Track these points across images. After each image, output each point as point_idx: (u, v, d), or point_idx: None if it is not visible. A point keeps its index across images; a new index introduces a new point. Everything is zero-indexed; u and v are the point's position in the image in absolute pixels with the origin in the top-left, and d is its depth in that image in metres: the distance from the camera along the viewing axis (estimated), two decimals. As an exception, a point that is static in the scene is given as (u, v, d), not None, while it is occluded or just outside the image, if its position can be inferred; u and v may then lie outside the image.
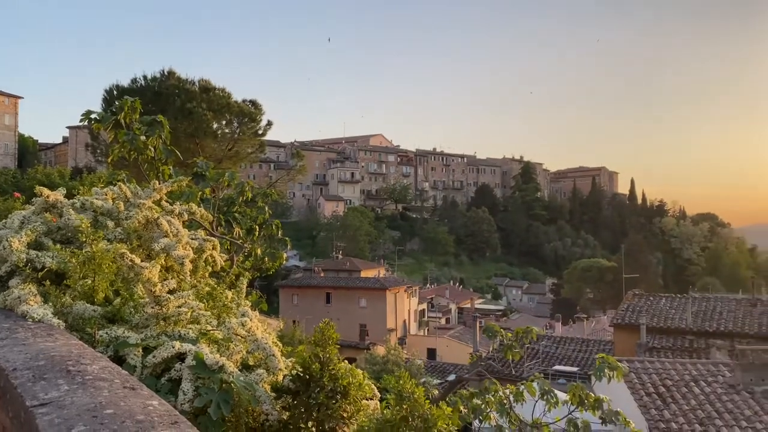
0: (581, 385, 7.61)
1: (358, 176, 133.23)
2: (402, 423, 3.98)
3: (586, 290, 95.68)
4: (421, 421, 4.06)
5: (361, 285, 52.71)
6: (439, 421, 4.20)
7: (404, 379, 4.19)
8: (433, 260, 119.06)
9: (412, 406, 4.07)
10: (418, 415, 4.08)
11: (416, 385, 4.23)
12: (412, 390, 4.13)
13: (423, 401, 4.18)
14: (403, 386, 4.12)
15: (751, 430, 13.78)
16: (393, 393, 4.20)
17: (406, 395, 4.09)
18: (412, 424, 4.02)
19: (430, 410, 4.17)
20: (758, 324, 22.61)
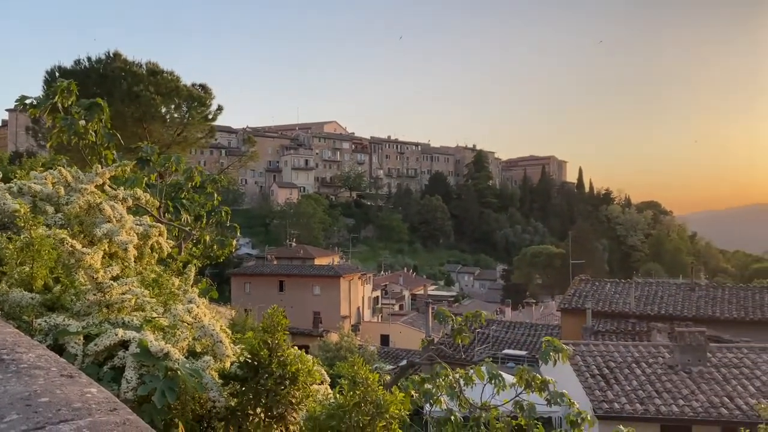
0: (528, 368, 7.82)
1: (312, 163, 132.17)
2: (355, 408, 4.01)
3: (536, 276, 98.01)
4: (373, 407, 4.10)
5: (315, 273, 52.51)
6: (391, 407, 4.25)
7: (358, 365, 4.22)
8: (387, 247, 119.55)
9: (365, 391, 4.11)
10: (370, 400, 4.12)
11: (369, 371, 4.26)
12: (366, 376, 4.16)
13: (376, 387, 4.22)
14: (356, 372, 4.15)
15: (688, 408, 14.47)
16: (346, 379, 4.22)
17: (359, 381, 4.12)
18: (365, 409, 4.06)
19: (382, 396, 4.21)
20: (696, 307, 23.66)
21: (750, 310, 23.03)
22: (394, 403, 4.20)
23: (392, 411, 4.14)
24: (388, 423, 4.09)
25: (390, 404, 4.18)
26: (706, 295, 24.70)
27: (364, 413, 4.01)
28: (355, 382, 4.08)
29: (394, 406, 4.18)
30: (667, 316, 22.75)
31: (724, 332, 20.41)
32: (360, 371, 4.05)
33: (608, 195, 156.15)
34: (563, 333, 24.60)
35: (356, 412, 3.99)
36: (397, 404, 4.25)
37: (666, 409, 14.35)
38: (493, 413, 7.86)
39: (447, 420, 7.81)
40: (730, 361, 16.18)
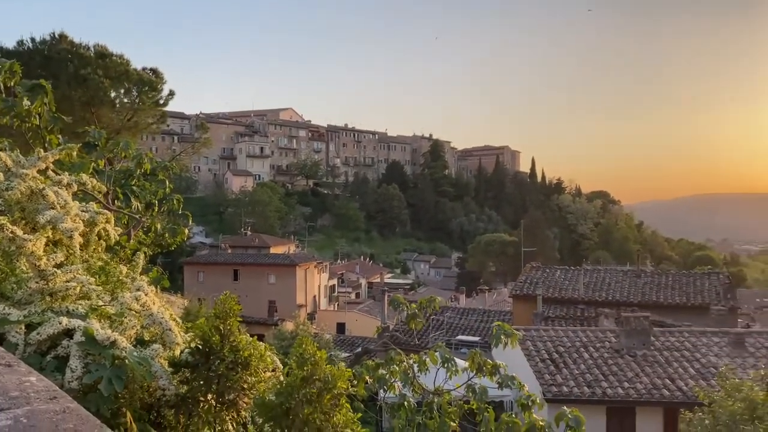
0: (480, 352, 8.00)
1: (268, 151, 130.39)
2: (302, 384, 4.03)
3: (489, 264, 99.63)
4: (321, 382, 4.13)
5: (270, 261, 52.07)
6: (339, 382, 4.28)
7: (306, 343, 4.23)
8: (344, 236, 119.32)
9: (313, 368, 4.13)
10: (318, 376, 4.14)
11: (317, 348, 4.28)
12: (313, 352, 4.18)
13: (324, 363, 4.24)
14: (304, 350, 4.17)
15: (633, 390, 15.05)
16: (294, 356, 4.23)
17: (307, 357, 4.14)
18: (312, 385, 4.08)
19: (330, 371, 4.23)
20: (641, 293, 24.53)
21: (691, 296, 24.02)
22: (342, 378, 4.23)
23: (339, 386, 4.18)
24: (336, 397, 4.13)
25: (337, 379, 4.21)
26: (651, 281, 25.63)
27: (311, 388, 4.04)
28: (303, 359, 4.10)
29: (342, 381, 4.22)
30: (614, 302, 23.52)
31: (668, 317, 21.25)
32: (308, 348, 4.07)
33: (560, 184, 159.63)
34: (515, 319, 25.15)
35: (304, 388, 4.02)
36: (344, 380, 4.29)
37: (612, 391, 14.89)
38: (445, 397, 8.03)
39: (400, 405, 7.93)
40: (672, 345, 16.87)
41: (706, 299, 23.26)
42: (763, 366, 13.19)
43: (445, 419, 7.98)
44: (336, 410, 4.16)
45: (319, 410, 4.02)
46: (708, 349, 16.62)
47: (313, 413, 3.97)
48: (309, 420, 3.94)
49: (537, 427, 8.04)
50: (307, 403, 3.99)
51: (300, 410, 3.92)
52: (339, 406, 4.25)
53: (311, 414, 3.96)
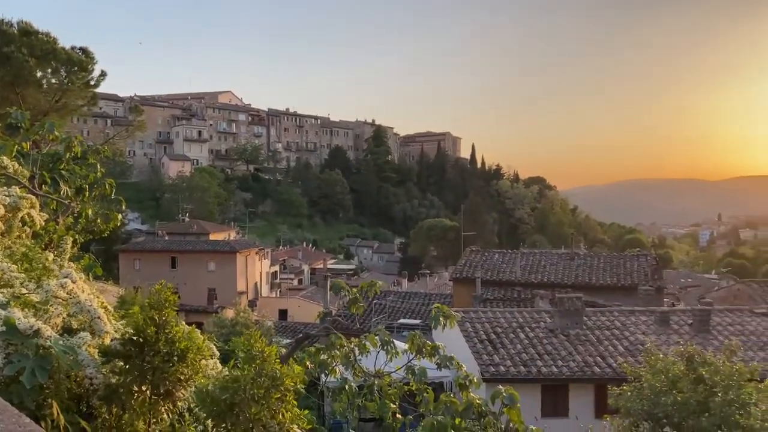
0: (419, 334, 8.13)
1: (206, 135, 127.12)
2: (249, 382, 3.99)
3: (431, 248, 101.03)
4: (269, 379, 4.10)
5: (210, 248, 51.09)
6: (287, 379, 4.26)
7: (254, 339, 4.19)
8: (286, 222, 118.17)
9: (261, 365, 4.09)
10: (266, 373, 4.11)
11: (266, 344, 4.25)
12: (262, 349, 4.14)
13: (273, 360, 4.21)
14: (252, 345, 4.12)
15: (566, 368, 15.67)
16: (242, 352, 4.18)
17: (255, 354, 4.10)
18: (260, 382, 4.05)
19: (279, 369, 4.21)
20: (575, 275, 25.47)
21: (621, 277, 25.13)
22: (290, 376, 4.23)
23: (287, 383, 4.18)
24: (283, 395, 4.12)
25: (286, 377, 4.20)
26: (584, 263, 26.64)
27: (259, 386, 4.01)
28: (251, 355, 4.06)
29: (290, 378, 4.22)
30: (549, 284, 24.33)
31: (599, 297, 22.17)
32: (256, 344, 4.03)
33: (498, 170, 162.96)
34: (455, 301, 25.65)
35: (251, 385, 3.98)
36: (292, 376, 4.29)
37: (546, 370, 15.45)
38: (386, 380, 8.14)
39: (342, 389, 7.99)
40: (603, 324, 17.62)
41: (635, 280, 24.37)
42: (685, 342, 13.97)
43: (385, 401, 8.11)
44: (283, 407, 4.15)
45: (266, 408, 3.99)
46: (636, 328, 17.46)
47: (260, 412, 3.94)
48: (255, 418, 3.92)
49: (474, 406, 8.27)
50: (253, 402, 3.95)
51: (246, 408, 3.88)
52: (286, 402, 4.24)
53: (258, 413, 3.93)
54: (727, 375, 8.34)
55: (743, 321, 18.12)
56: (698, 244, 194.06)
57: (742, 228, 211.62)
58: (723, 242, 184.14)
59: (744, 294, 22.85)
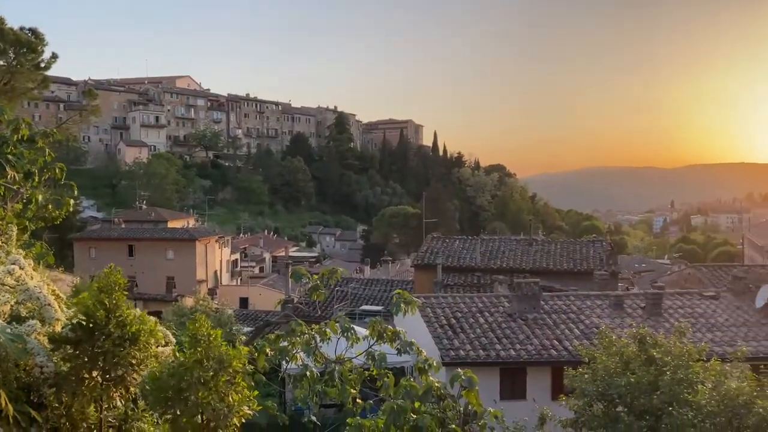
0: (380, 320, 8.18)
1: (164, 120, 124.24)
2: (196, 365, 3.95)
3: (393, 235, 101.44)
4: (216, 362, 4.07)
5: (168, 236, 50.22)
6: (234, 362, 4.24)
7: (200, 322, 4.15)
8: (247, 210, 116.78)
9: (207, 348, 4.06)
10: (213, 356, 4.08)
11: (212, 328, 4.20)
12: (208, 332, 4.11)
13: (219, 343, 4.19)
14: (198, 329, 4.09)
15: (524, 352, 16.00)
16: (188, 336, 4.14)
17: (201, 338, 4.07)
18: (207, 365, 4.02)
19: (226, 351, 4.19)
20: (533, 261, 25.97)
21: (578, 262, 25.74)
22: (238, 358, 4.21)
23: (235, 365, 4.15)
24: (232, 377, 4.10)
25: (233, 359, 4.18)
26: (541, 249, 27.17)
27: (206, 369, 3.98)
28: (196, 339, 4.02)
29: (237, 360, 4.20)
30: (508, 269, 24.75)
31: (556, 282, 22.67)
32: (201, 328, 4.00)
33: (460, 158, 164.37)
34: (416, 287, 25.86)
35: (198, 369, 3.95)
36: (240, 358, 4.27)
37: (505, 353, 15.76)
38: (347, 365, 8.18)
39: (303, 375, 8.00)
40: (559, 308, 18.04)
41: (591, 265, 24.99)
42: (638, 325, 14.42)
43: (346, 386, 8.16)
44: (232, 390, 4.13)
45: (214, 391, 3.96)
46: (591, 311, 17.93)
47: (208, 395, 3.91)
48: (203, 402, 3.89)
49: (433, 389, 8.39)
50: (201, 385, 3.92)
51: (193, 392, 3.85)
52: (235, 385, 4.21)
53: (206, 396, 3.90)
54: (676, 355, 8.65)
55: (693, 304, 18.80)
56: (652, 231, 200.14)
57: (693, 215, 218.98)
58: (675, 228, 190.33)
59: (694, 278, 23.69)
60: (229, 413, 4.01)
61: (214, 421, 3.94)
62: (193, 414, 3.88)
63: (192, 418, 3.87)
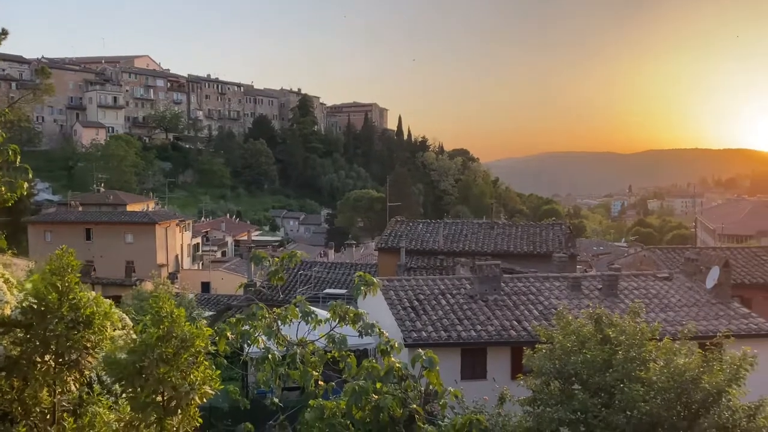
0: (342, 303, 8.21)
1: (122, 101, 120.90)
2: (158, 343, 3.92)
3: (358, 219, 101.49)
4: (178, 341, 4.04)
5: (127, 220, 49.21)
6: (197, 340, 4.22)
7: (163, 300, 4.10)
8: (208, 193, 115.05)
9: (170, 325, 4.03)
10: (175, 334, 4.05)
11: (175, 306, 4.16)
12: (171, 310, 4.07)
13: (182, 321, 4.15)
14: (161, 307, 4.04)
15: (484, 332, 16.28)
16: (150, 313, 4.10)
17: (164, 315, 4.03)
18: (169, 343, 3.99)
19: (189, 330, 4.16)
20: (494, 243, 26.36)
21: (538, 245, 26.22)
22: (200, 336, 4.19)
23: (198, 344, 4.14)
24: (194, 356, 4.08)
25: (196, 338, 4.16)
26: (503, 232, 27.58)
27: (169, 347, 3.95)
28: (159, 316, 3.98)
29: (200, 339, 4.18)
30: (470, 252, 25.06)
31: (517, 264, 23.06)
32: (165, 306, 3.96)
33: (424, 142, 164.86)
34: (380, 271, 25.99)
35: (160, 346, 3.92)
36: (203, 337, 4.25)
37: (466, 334, 16.01)
38: (309, 348, 8.19)
39: (265, 359, 7.98)
40: (519, 290, 18.37)
41: (551, 248, 25.49)
42: (594, 305, 14.80)
43: (308, 369, 8.17)
44: (194, 368, 4.11)
45: (175, 368, 3.94)
46: (550, 293, 18.31)
47: (169, 372, 3.89)
48: (164, 379, 3.86)
49: (394, 370, 8.47)
50: (162, 362, 3.89)
51: (154, 369, 3.82)
52: (197, 363, 4.20)
53: (167, 373, 3.88)
54: (630, 335, 8.92)
55: (647, 285, 19.39)
56: (610, 214, 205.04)
57: (650, 199, 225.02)
58: (633, 212, 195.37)
59: (649, 260, 24.40)
60: (190, 391, 4.00)
61: (175, 399, 3.92)
62: (154, 391, 3.86)
63: (152, 395, 3.84)
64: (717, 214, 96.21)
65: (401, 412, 7.98)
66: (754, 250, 24.98)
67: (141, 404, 3.79)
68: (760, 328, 17.14)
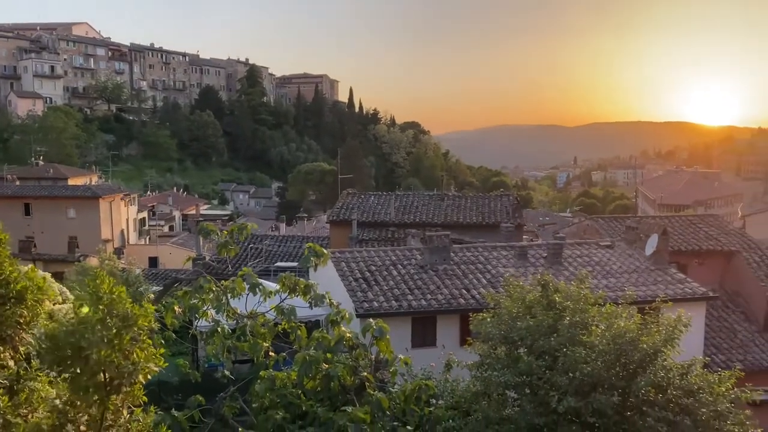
0: (291, 275, 8.16)
1: (60, 70, 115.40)
2: (99, 323, 3.81)
3: (309, 192, 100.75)
4: (120, 320, 3.94)
5: (69, 194, 47.50)
6: (140, 319, 4.12)
7: (101, 279, 3.98)
8: (154, 166, 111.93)
9: (110, 305, 3.91)
10: (116, 314, 3.94)
11: (115, 284, 4.04)
12: (110, 289, 3.95)
13: (123, 300, 4.04)
14: (99, 286, 3.92)
15: (434, 301, 16.56)
16: (89, 293, 3.97)
17: (103, 295, 3.91)
18: (110, 323, 3.88)
19: (130, 309, 4.05)
20: (444, 215, 26.68)
21: (486, 216, 26.68)
22: (143, 315, 4.09)
23: (141, 323, 4.04)
24: (137, 335, 3.99)
25: (139, 317, 4.06)
26: (452, 204, 27.93)
27: (109, 327, 3.85)
28: (98, 296, 3.86)
29: (143, 318, 4.08)
30: (421, 223, 25.30)
31: (466, 235, 23.42)
32: (103, 285, 3.85)
33: (376, 115, 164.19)
34: (332, 243, 25.97)
35: (101, 327, 3.81)
36: (146, 316, 4.15)
37: (416, 303, 16.24)
38: (259, 320, 8.13)
39: (214, 332, 7.88)
40: (468, 259, 18.70)
41: (498, 218, 25.97)
42: (539, 273, 15.22)
43: (257, 341, 8.13)
44: (137, 347, 4.01)
45: (117, 349, 3.84)
46: (498, 262, 18.72)
47: (111, 354, 3.78)
48: (106, 361, 3.76)
49: (345, 339, 8.51)
50: (103, 344, 3.78)
51: (95, 351, 3.71)
52: (140, 342, 4.10)
53: (109, 355, 3.77)
54: (575, 300, 9.21)
55: (590, 253, 20.04)
56: (556, 186, 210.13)
57: (594, 170, 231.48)
58: (577, 183, 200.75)
59: (592, 229, 25.17)
60: (134, 371, 3.91)
61: (118, 379, 3.84)
62: (95, 373, 3.76)
63: (93, 377, 3.74)
64: (657, 184, 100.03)
65: (352, 381, 8.07)
66: (690, 219, 26.06)
67: (81, 387, 3.68)
68: (694, 292, 18.01)
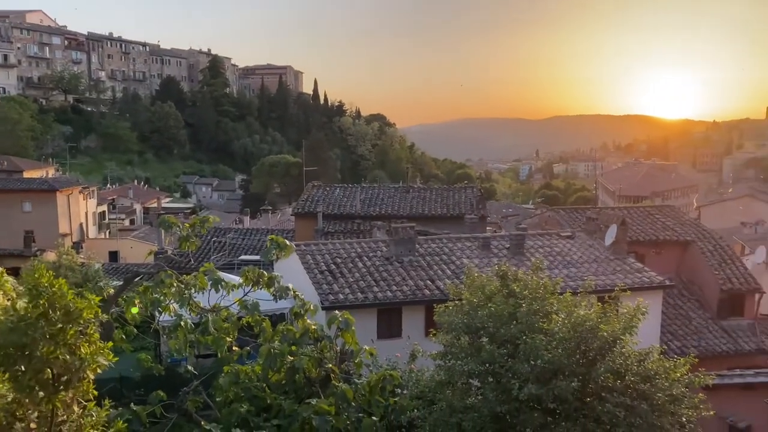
0: (255, 267, 8.11)
1: (14, 60, 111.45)
2: (40, 319, 3.70)
3: (274, 185, 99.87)
4: (63, 315, 3.83)
5: (24, 187, 46.09)
6: (85, 312, 4.01)
7: (40, 272, 3.88)
8: (114, 158, 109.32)
9: (51, 299, 3.80)
10: (59, 307, 3.83)
11: (54, 277, 3.91)
12: (50, 282, 3.84)
13: (65, 293, 3.93)
14: (38, 280, 3.81)
15: (400, 293, 16.70)
16: (28, 289, 3.87)
17: (42, 289, 3.80)
18: (53, 318, 3.77)
19: (73, 301, 3.94)
20: (410, 207, 26.85)
21: (451, 207, 26.94)
22: (88, 307, 3.98)
23: (86, 316, 3.93)
24: (83, 328, 3.88)
25: (83, 310, 3.94)
26: (418, 196, 28.12)
27: (52, 323, 3.73)
28: (38, 291, 3.75)
29: (88, 311, 3.97)
30: (386, 216, 25.38)
31: (431, 226, 23.62)
32: (42, 279, 3.73)
33: (341, 107, 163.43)
34: (297, 236, 25.86)
35: (43, 323, 3.69)
36: (91, 308, 4.04)
37: (382, 295, 16.34)
38: (223, 314, 8.07)
39: (177, 326, 7.79)
40: (433, 251, 18.88)
41: (463, 210, 26.26)
42: (500, 263, 15.46)
43: (221, 335, 8.06)
44: (83, 342, 3.92)
45: (62, 344, 3.75)
46: (462, 253, 18.95)
47: (56, 350, 3.69)
48: (50, 358, 3.67)
49: (310, 332, 8.51)
50: (47, 340, 3.68)
51: (37, 348, 3.62)
52: (86, 335, 4.00)
53: (53, 351, 3.68)
54: (533, 289, 9.40)
55: (551, 243, 20.45)
56: (519, 178, 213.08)
57: (556, 163, 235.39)
58: (539, 176, 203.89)
59: (553, 220, 25.66)
60: (81, 366, 3.83)
61: (65, 375, 3.75)
62: (39, 370, 3.66)
63: (38, 374, 3.65)
64: (616, 177, 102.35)
65: (317, 372, 8.09)
66: (648, 210, 26.80)
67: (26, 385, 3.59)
68: (651, 281, 18.57)
